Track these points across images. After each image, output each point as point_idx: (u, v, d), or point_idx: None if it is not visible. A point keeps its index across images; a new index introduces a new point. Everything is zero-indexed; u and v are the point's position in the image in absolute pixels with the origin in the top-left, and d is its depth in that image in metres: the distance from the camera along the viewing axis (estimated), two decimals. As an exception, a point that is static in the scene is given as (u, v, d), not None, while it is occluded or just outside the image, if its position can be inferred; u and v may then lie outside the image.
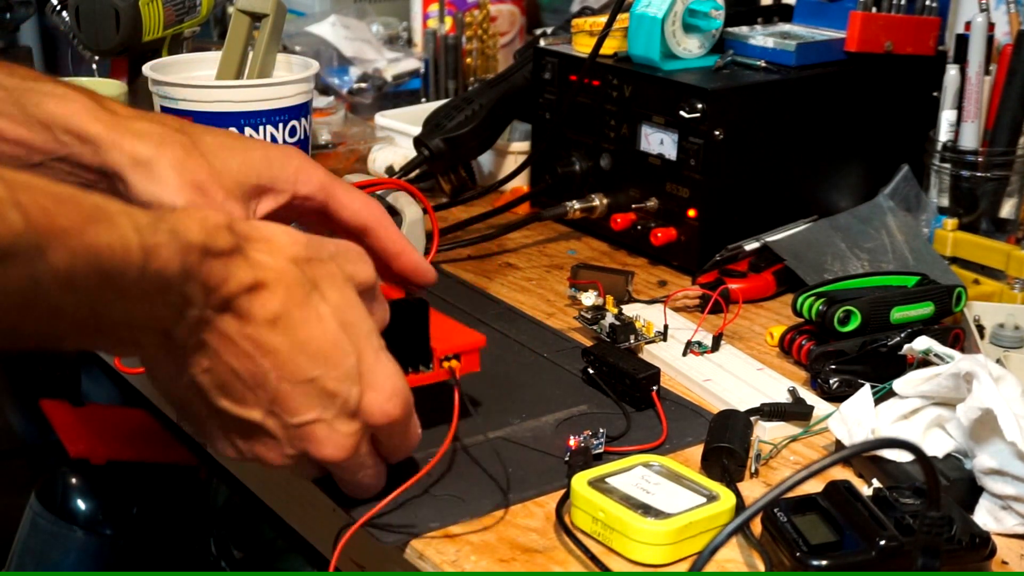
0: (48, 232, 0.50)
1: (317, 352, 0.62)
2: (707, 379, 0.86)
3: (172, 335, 0.59)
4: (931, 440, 0.74)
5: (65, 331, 0.55)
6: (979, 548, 0.65)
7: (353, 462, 0.66)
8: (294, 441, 0.64)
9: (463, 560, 0.66)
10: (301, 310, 0.62)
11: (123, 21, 1.15)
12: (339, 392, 0.63)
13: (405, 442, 0.69)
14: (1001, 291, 0.99)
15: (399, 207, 0.99)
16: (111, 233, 0.53)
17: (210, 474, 1.38)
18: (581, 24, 1.16)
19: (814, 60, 1.11)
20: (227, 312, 0.60)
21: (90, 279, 0.52)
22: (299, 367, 0.61)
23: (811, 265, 1.00)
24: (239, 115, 1.09)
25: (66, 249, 0.51)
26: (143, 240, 0.54)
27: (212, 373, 0.61)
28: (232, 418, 0.63)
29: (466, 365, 0.75)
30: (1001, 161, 1.09)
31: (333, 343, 0.63)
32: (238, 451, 0.65)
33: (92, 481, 1.38)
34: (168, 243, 0.55)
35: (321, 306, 0.63)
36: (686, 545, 0.66)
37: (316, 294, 0.63)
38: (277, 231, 0.63)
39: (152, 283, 0.55)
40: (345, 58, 1.59)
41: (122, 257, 0.53)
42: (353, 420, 0.64)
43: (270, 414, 0.62)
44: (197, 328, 0.59)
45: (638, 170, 1.10)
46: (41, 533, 1.36)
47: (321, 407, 0.63)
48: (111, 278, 0.53)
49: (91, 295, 0.53)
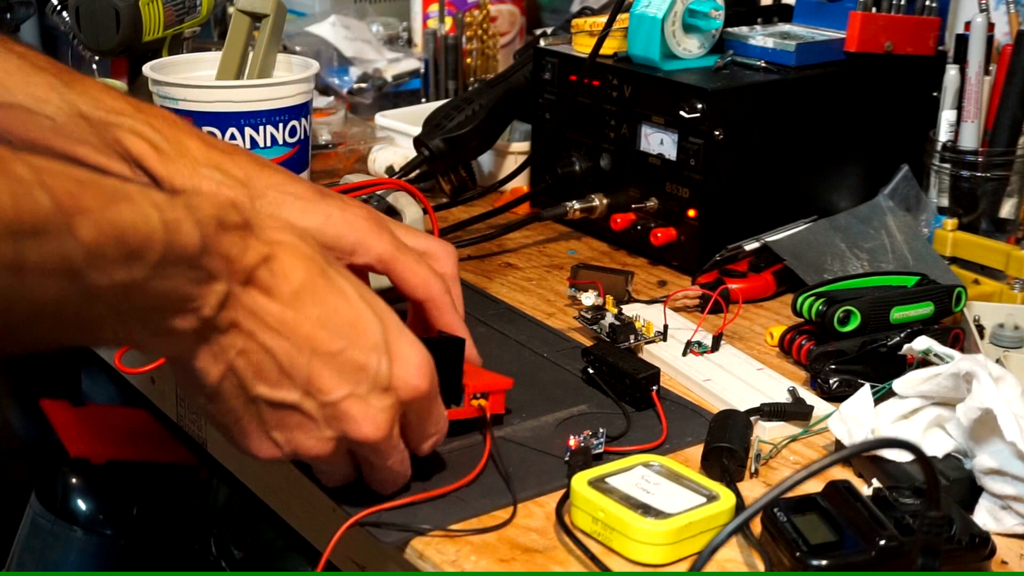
0: (75, 211, 0.52)
1: (344, 323, 0.63)
2: (707, 379, 0.86)
3: (203, 316, 0.59)
4: (931, 440, 0.74)
5: (102, 317, 0.56)
6: (979, 548, 0.65)
7: (388, 445, 0.66)
8: (331, 421, 0.64)
9: (463, 560, 0.66)
10: (322, 280, 0.63)
11: (123, 21, 1.15)
12: (369, 364, 0.63)
13: (433, 424, 0.69)
14: (1001, 291, 0.99)
15: (399, 207, 1.00)
16: (133, 210, 0.55)
17: (210, 474, 1.38)
18: (581, 24, 1.16)
19: (814, 60, 1.11)
20: (251, 286, 0.61)
21: (119, 256, 0.54)
22: (328, 338, 0.62)
23: (811, 265, 1.00)
24: (239, 115, 1.09)
25: (94, 226, 0.52)
26: (163, 215, 0.56)
27: (247, 356, 0.61)
28: (270, 404, 0.63)
29: (493, 405, 0.77)
30: (1001, 161, 1.09)
31: (358, 314, 0.64)
32: (276, 445, 0.65)
33: (92, 481, 1.38)
34: (186, 217, 0.57)
35: (339, 280, 0.64)
36: (686, 545, 0.66)
37: (331, 269, 0.64)
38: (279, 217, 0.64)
39: (177, 257, 0.56)
40: (345, 58, 1.59)
41: (146, 233, 0.55)
42: (386, 394, 0.64)
43: (306, 394, 0.63)
44: (226, 306, 0.60)
45: (638, 170, 1.10)
46: (41, 533, 1.36)
47: (354, 381, 0.63)
48: (139, 254, 0.54)
49: (123, 275, 0.54)
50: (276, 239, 0.62)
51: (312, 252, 0.64)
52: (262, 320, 0.61)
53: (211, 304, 0.59)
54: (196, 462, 1.39)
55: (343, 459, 0.68)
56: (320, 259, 0.64)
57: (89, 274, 0.53)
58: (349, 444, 0.66)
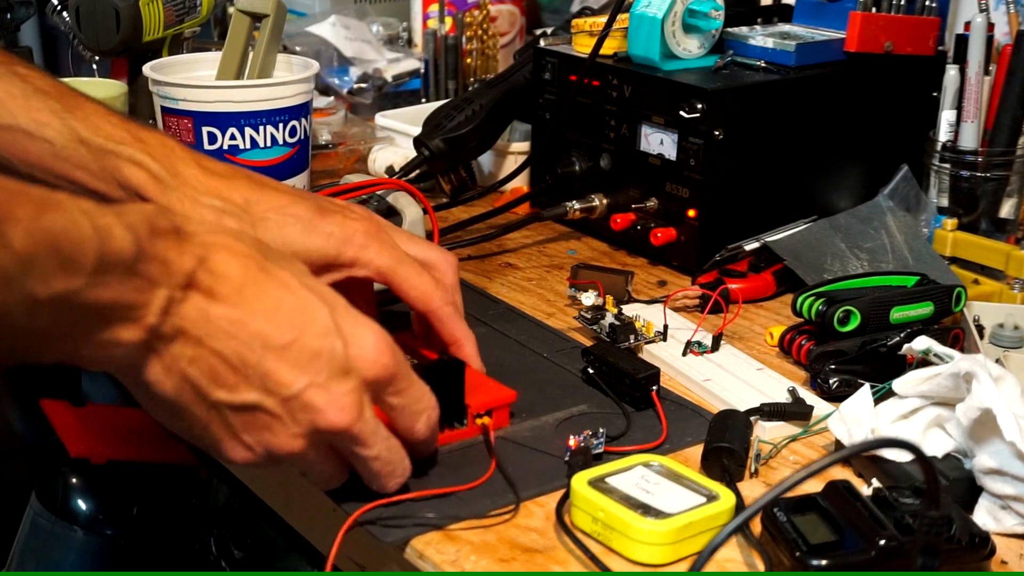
0: (5, 219, 0.52)
1: (290, 313, 0.62)
2: (707, 379, 0.86)
3: (148, 324, 0.59)
4: (931, 440, 0.74)
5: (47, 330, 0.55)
6: (979, 548, 0.65)
7: (364, 429, 0.64)
8: (297, 415, 0.63)
9: (463, 560, 0.66)
10: (262, 275, 0.62)
11: (123, 21, 1.15)
12: (323, 349, 0.62)
13: (416, 400, 0.68)
14: (1001, 291, 0.99)
15: (399, 207, 1.00)
16: (64, 217, 0.55)
17: (210, 474, 1.38)
18: (581, 24, 1.16)
19: (814, 60, 1.11)
20: (192, 289, 0.60)
21: (54, 264, 0.54)
22: (277, 332, 0.62)
23: (811, 265, 1.00)
24: (239, 115, 1.09)
25: (25, 234, 0.53)
26: (93, 221, 0.56)
27: (198, 363, 0.61)
28: (232, 408, 0.62)
29: (497, 421, 0.77)
30: (1001, 161, 1.09)
31: (303, 301, 0.63)
32: (248, 448, 0.64)
33: (92, 481, 1.38)
34: (116, 223, 0.57)
35: (280, 272, 0.63)
36: (686, 545, 0.66)
37: (270, 263, 0.63)
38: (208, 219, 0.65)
39: (113, 263, 0.56)
40: (345, 58, 1.59)
41: (77, 239, 0.55)
42: (347, 377, 0.63)
43: (266, 392, 0.62)
44: (170, 313, 0.59)
45: (638, 170, 1.10)
46: (41, 533, 1.36)
47: (312, 370, 0.62)
48: (73, 261, 0.54)
49: (61, 284, 0.54)
50: (210, 241, 0.62)
51: (248, 249, 0.63)
52: (208, 324, 0.60)
53: (154, 311, 0.59)
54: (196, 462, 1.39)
55: (324, 456, 0.66)
56: (257, 255, 0.63)
57: (25, 283, 0.53)
58: (323, 437, 0.64)
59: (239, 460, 0.65)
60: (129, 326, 0.58)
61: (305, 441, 0.64)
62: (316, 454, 0.65)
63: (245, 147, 1.10)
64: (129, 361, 0.61)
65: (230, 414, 0.63)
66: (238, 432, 0.64)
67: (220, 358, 0.61)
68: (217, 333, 0.61)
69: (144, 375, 0.61)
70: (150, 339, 0.60)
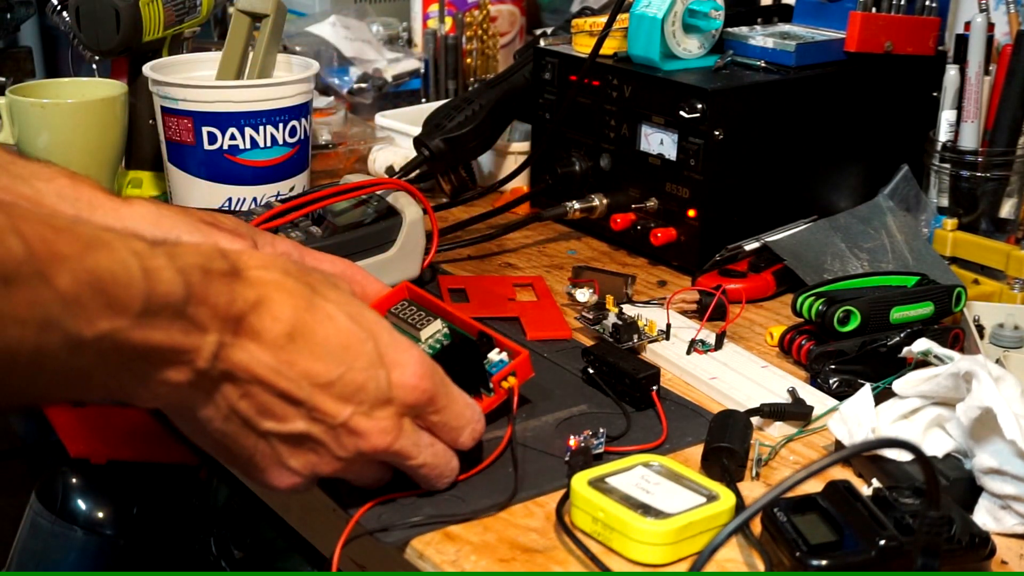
0: (50, 258, 0.51)
1: (336, 349, 0.64)
2: (713, 377, 0.86)
3: (197, 368, 0.59)
4: (931, 440, 0.74)
5: (90, 368, 0.55)
6: (979, 548, 0.65)
7: (405, 444, 0.67)
8: (342, 441, 0.65)
9: (463, 560, 0.66)
10: (311, 314, 0.63)
11: (123, 21, 1.15)
12: (367, 381, 0.64)
13: (457, 416, 0.70)
14: (1001, 291, 0.99)
15: (399, 207, 0.99)
16: (111, 257, 0.54)
17: (210, 474, 1.38)
18: (581, 24, 1.16)
19: (814, 60, 1.11)
20: (242, 335, 0.61)
21: (99, 305, 0.53)
22: (324, 369, 0.63)
23: (811, 265, 1.00)
24: (239, 115, 1.09)
25: (70, 274, 0.52)
26: (142, 263, 0.55)
27: (248, 399, 0.62)
28: (280, 437, 0.64)
29: (522, 375, 0.78)
30: (1001, 161, 1.09)
31: (348, 335, 0.64)
32: (295, 473, 0.66)
33: (92, 481, 1.38)
34: (167, 266, 0.56)
35: (326, 306, 0.64)
36: (686, 545, 0.66)
37: (317, 297, 0.64)
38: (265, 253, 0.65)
39: (160, 306, 0.56)
40: (345, 58, 1.59)
41: (125, 280, 0.54)
42: (389, 404, 0.66)
43: (313, 421, 0.64)
44: (219, 358, 0.60)
45: (638, 170, 1.10)
46: (41, 533, 1.36)
47: (356, 401, 0.64)
48: (119, 302, 0.54)
49: (106, 324, 0.54)
50: (262, 279, 0.62)
51: (297, 285, 0.64)
52: (258, 367, 0.61)
53: (204, 357, 0.59)
54: (196, 462, 1.39)
55: (368, 467, 0.69)
56: (305, 289, 0.64)
57: (69, 323, 0.52)
58: (367, 457, 0.67)
59: (283, 486, 0.67)
60: (178, 368, 0.59)
61: (349, 462, 0.67)
62: (360, 467, 0.68)
63: (245, 147, 1.10)
64: (177, 398, 0.61)
65: (277, 442, 0.65)
66: (285, 458, 0.65)
67: (270, 394, 0.62)
68: (267, 374, 0.62)
69: (191, 411, 0.62)
70: (198, 380, 0.60)
